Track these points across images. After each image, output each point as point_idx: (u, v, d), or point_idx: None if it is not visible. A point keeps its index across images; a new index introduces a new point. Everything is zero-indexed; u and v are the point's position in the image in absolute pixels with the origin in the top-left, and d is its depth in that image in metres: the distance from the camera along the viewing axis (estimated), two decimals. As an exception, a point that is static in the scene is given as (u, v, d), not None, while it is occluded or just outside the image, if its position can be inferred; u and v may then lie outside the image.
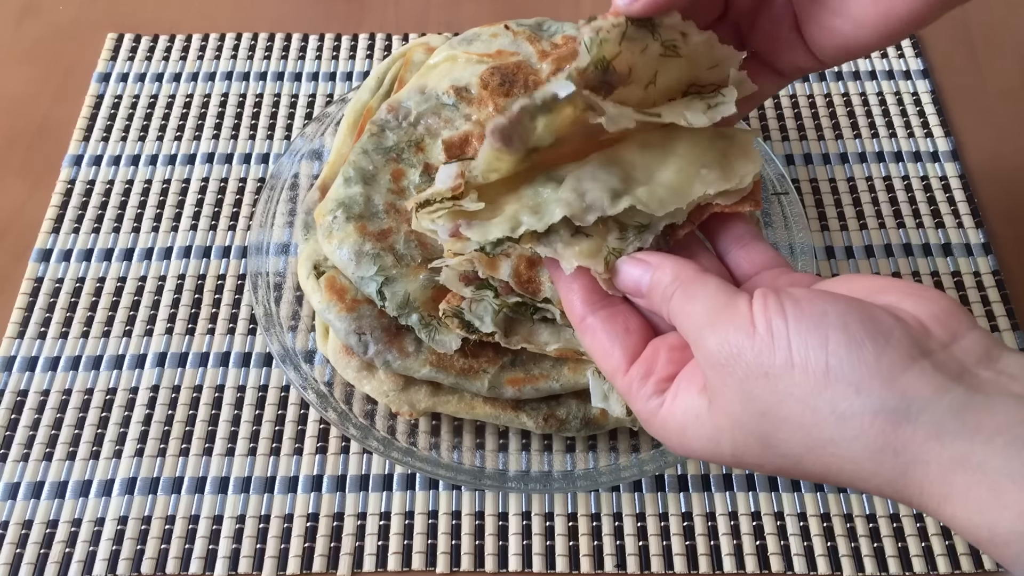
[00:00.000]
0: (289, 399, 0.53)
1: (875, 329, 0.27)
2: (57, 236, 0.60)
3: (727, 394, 0.29)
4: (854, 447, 0.27)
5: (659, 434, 0.32)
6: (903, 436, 0.26)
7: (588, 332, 0.34)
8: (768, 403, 0.28)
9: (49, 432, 0.52)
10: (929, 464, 0.26)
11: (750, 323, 0.29)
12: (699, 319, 0.30)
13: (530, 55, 0.52)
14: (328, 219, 0.48)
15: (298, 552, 0.48)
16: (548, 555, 0.48)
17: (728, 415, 0.29)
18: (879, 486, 0.27)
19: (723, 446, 0.30)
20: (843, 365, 0.27)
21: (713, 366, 0.29)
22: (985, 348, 0.28)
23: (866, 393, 0.26)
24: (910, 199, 0.62)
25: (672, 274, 0.32)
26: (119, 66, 0.69)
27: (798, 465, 0.29)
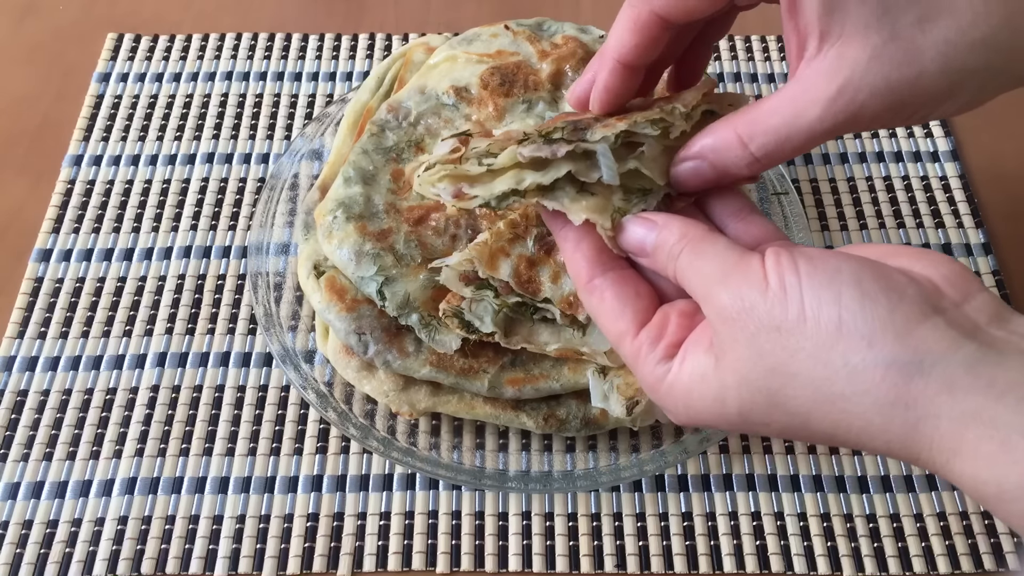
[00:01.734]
0: (289, 399, 0.53)
1: (888, 285, 0.27)
2: (57, 236, 0.60)
3: (737, 350, 0.29)
4: (864, 401, 0.27)
5: (665, 401, 0.32)
6: (915, 390, 0.26)
7: (596, 293, 0.34)
8: (778, 358, 0.28)
9: (49, 432, 0.52)
10: (940, 419, 0.26)
11: (763, 278, 0.29)
12: (710, 275, 0.30)
13: (530, 55, 0.52)
14: (328, 219, 0.48)
15: (298, 552, 0.48)
16: (548, 555, 0.48)
17: (736, 371, 0.29)
18: (888, 443, 0.27)
19: (729, 405, 0.30)
20: (856, 319, 0.27)
21: (724, 320, 0.29)
22: (996, 309, 0.28)
23: (879, 346, 0.26)
24: (910, 199, 0.62)
25: (679, 232, 0.32)
26: (119, 66, 0.69)
27: (806, 424, 0.28)
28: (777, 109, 0.32)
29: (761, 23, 0.72)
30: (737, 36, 0.71)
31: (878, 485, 0.50)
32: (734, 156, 0.33)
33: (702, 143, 0.34)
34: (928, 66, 0.30)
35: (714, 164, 0.34)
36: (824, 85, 0.30)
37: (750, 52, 0.71)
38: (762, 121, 0.32)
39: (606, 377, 0.45)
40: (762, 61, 0.70)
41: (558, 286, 0.43)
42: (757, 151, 0.32)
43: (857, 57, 0.30)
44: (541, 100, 0.50)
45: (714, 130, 0.33)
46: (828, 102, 0.30)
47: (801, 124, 0.31)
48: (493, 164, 0.34)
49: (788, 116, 0.31)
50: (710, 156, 0.33)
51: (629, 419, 0.45)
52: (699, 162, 0.34)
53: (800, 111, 0.31)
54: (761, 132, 0.32)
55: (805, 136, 0.31)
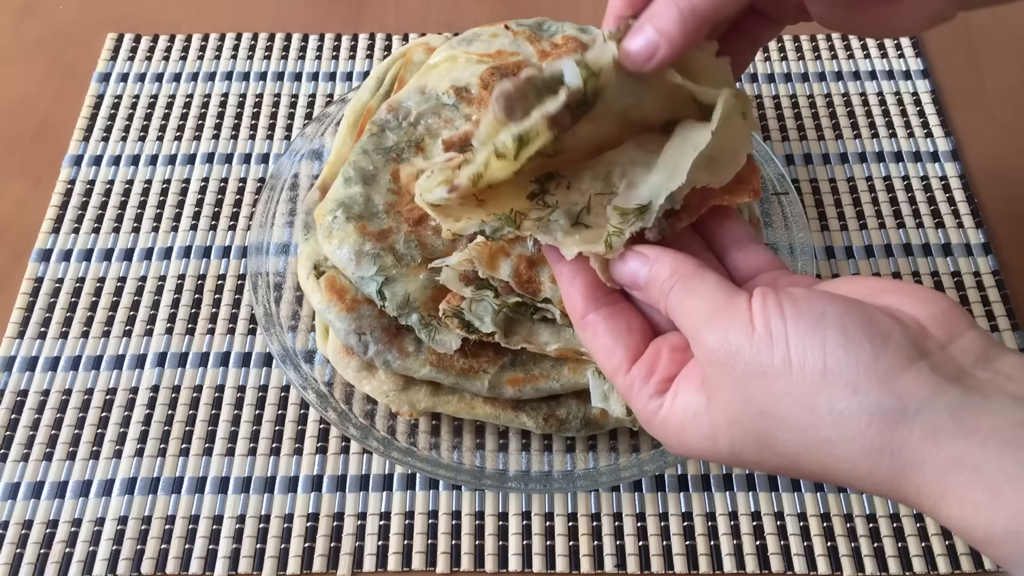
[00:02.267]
0: (289, 399, 0.53)
1: (873, 330, 0.27)
2: (57, 236, 0.60)
3: (725, 392, 0.29)
4: (851, 447, 0.27)
5: (659, 434, 0.32)
6: (899, 437, 0.26)
7: (589, 329, 0.34)
8: (766, 402, 0.28)
9: (49, 432, 0.52)
10: (925, 464, 0.26)
11: (749, 322, 0.29)
12: (698, 315, 0.30)
13: (530, 55, 0.52)
14: (328, 219, 0.48)
15: (298, 552, 0.48)
16: (548, 555, 0.48)
17: (726, 412, 0.29)
18: (875, 485, 0.27)
19: (721, 444, 0.30)
20: (840, 366, 0.27)
21: (712, 363, 0.29)
22: (983, 348, 0.28)
23: (863, 394, 0.27)
24: (910, 199, 0.62)
25: (671, 268, 0.32)
26: (119, 66, 0.69)
27: (795, 464, 0.29)
28: None
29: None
30: (737, 36, 0.71)
31: (878, 485, 0.50)
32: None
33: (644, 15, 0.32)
34: None
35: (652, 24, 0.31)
36: None
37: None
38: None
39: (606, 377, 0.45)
40: (762, 61, 0.70)
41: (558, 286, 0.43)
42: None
43: None
44: (541, 100, 0.50)
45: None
46: None
47: None
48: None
49: None
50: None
51: (629, 419, 0.45)
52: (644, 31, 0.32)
53: None
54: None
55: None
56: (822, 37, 0.71)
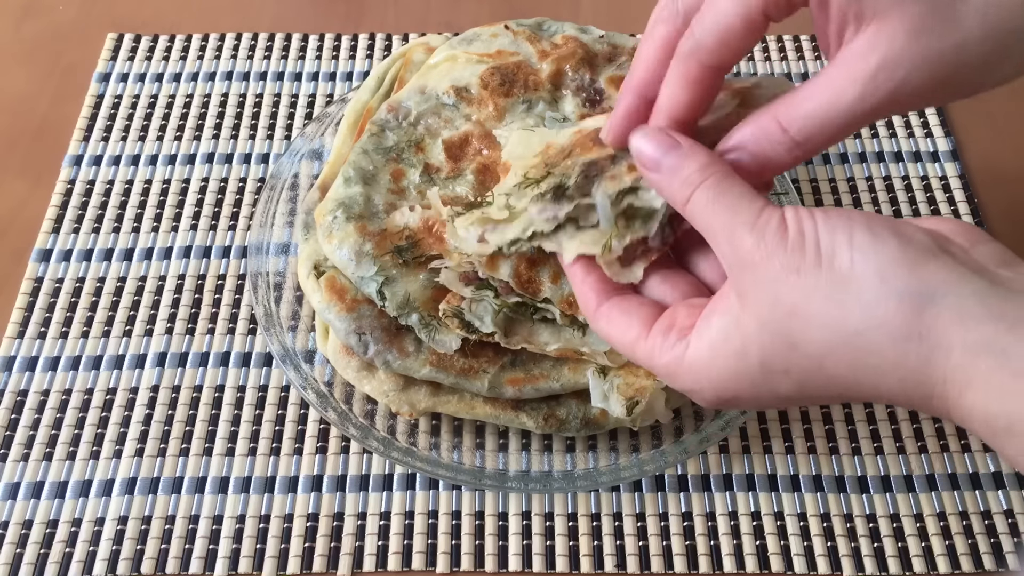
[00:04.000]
0: (289, 399, 0.53)
1: (898, 230, 0.28)
2: (57, 236, 0.60)
3: (756, 294, 0.30)
4: (878, 336, 0.27)
5: (686, 378, 0.32)
6: (927, 319, 0.27)
7: (603, 318, 0.35)
8: (796, 301, 0.29)
9: (49, 432, 0.52)
10: (952, 349, 0.26)
11: (784, 227, 0.29)
12: (734, 217, 0.31)
13: (530, 55, 0.52)
14: (328, 219, 0.48)
15: (298, 552, 0.48)
16: (548, 555, 0.48)
17: (756, 315, 0.30)
18: (902, 379, 0.28)
19: (751, 355, 0.30)
20: (868, 257, 0.28)
21: (745, 265, 0.30)
22: (1003, 255, 0.29)
23: (891, 280, 0.27)
24: (910, 199, 0.62)
25: (703, 162, 0.32)
26: (119, 66, 0.69)
27: (822, 366, 0.29)
28: (815, 93, 0.31)
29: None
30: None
31: (878, 485, 0.50)
32: (774, 142, 0.32)
33: (741, 133, 0.33)
34: (970, 32, 0.29)
35: (754, 153, 0.33)
36: (862, 63, 0.30)
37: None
38: (801, 105, 0.31)
39: (606, 377, 0.45)
40: (762, 61, 0.70)
41: (558, 286, 0.43)
42: (797, 135, 0.32)
43: (894, 31, 0.29)
44: (541, 100, 0.50)
45: (754, 119, 0.33)
46: (867, 80, 0.30)
47: (841, 104, 0.31)
48: (514, 208, 0.37)
49: (828, 97, 0.31)
50: (750, 145, 0.33)
51: (629, 419, 0.45)
52: (738, 153, 0.33)
53: (839, 91, 0.30)
54: (801, 116, 0.31)
55: (846, 117, 0.31)
56: (822, 37, 0.71)
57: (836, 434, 0.52)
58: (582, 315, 0.43)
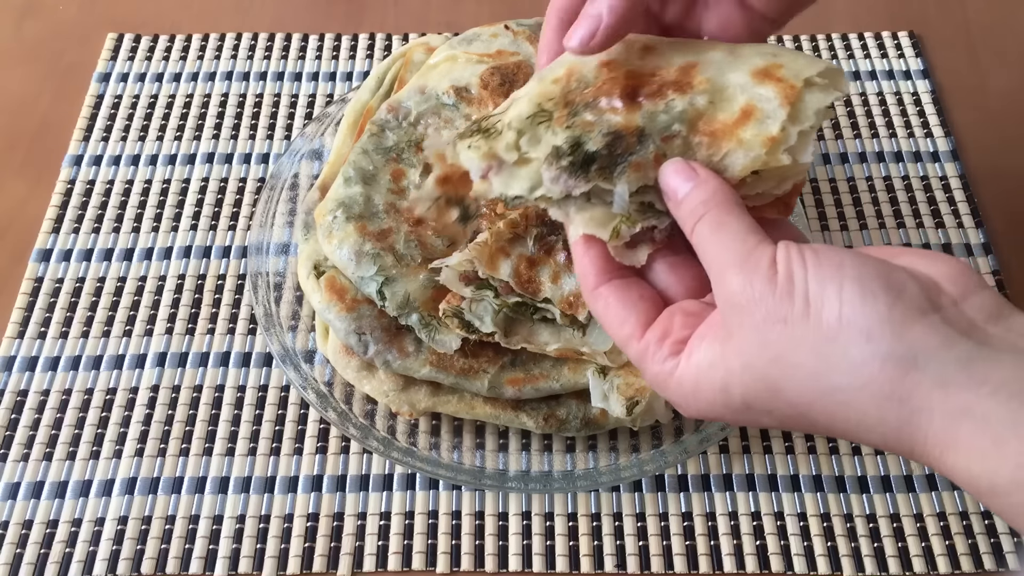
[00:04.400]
0: (289, 399, 0.53)
1: (888, 283, 0.28)
2: (57, 236, 0.60)
3: (743, 335, 0.29)
4: (862, 395, 0.27)
5: (674, 395, 0.32)
6: (909, 384, 0.27)
7: (601, 300, 0.34)
8: (781, 349, 0.29)
9: (49, 432, 0.52)
10: (933, 413, 0.26)
11: (774, 273, 0.29)
12: (725, 255, 0.31)
13: (530, 55, 0.52)
14: (328, 219, 0.48)
15: (298, 552, 0.48)
16: (548, 555, 0.48)
17: (740, 356, 0.30)
18: (883, 435, 0.28)
19: (734, 393, 0.30)
20: (856, 313, 0.27)
21: (733, 306, 0.30)
22: (995, 307, 0.28)
23: (876, 341, 0.27)
24: (910, 199, 0.62)
25: (707, 194, 0.32)
26: (119, 66, 0.69)
27: (805, 414, 0.29)
28: None
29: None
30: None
31: (878, 485, 0.50)
32: None
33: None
34: None
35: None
36: None
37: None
38: None
39: (606, 377, 0.45)
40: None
41: (558, 286, 0.43)
42: None
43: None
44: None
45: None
46: None
47: None
48: (525, 153, 0.34)
49: None
50: None
51: (629, 419, 0.45)
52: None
53: None
54: None
55: None
56: (822, 37, 0.71)
57: (836, 434, 0.52)
58: (582, 315, 0.43)
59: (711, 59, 0.36)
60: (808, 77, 0.34)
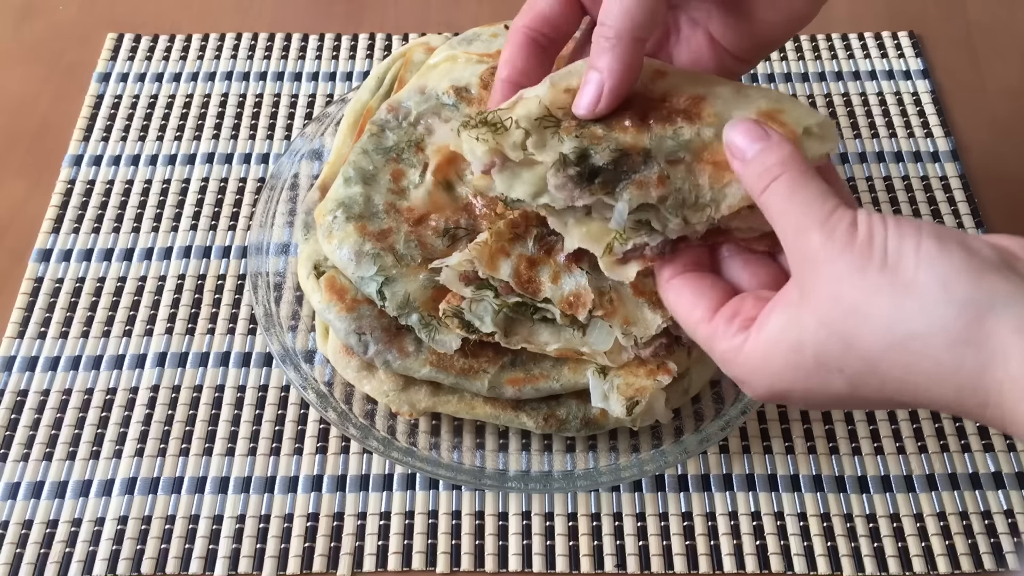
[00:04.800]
0: (289, 399, 0.53)
1: (965, 241, 0.29)
2: (57, 236, 0.60)
3: (819, 291, 0.30)
4: (936, 341, 0.28)
5: (741, 370, 0.33)
6: (987, 328, 0.27)
7: (673, 290, 0.35)
8: (856, 299, 0.29)
9: (49, 432, 0.52)
10: (1010, 358, 0.27)
11: (854, 228, 0.30)
12: (807, 215, 0.31)
13: (530, 55, 0.52)
14: (328, 219, 0.48)
15: (298, 552, 0.48)
16: (548, 555, 0.48)
17: (816, 311, 0.30)
18: (958, 387, 0.28)
19: (806, 349, 0.30)
20: (933, 265, 0.28)
21: (812, 261, 0.30)
22: None
23: (953, 287, 0.27)
24: (910, 199, 0.62)
25: (783, 156, 0.33)
26: (119, 66, 0.69)
27: (876, 369, 0.29)
28: None
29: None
30: (737, 36, 0.71)
31: (878, 485, 0.50)
32: None
33: None
34: None
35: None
36: None
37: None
38: None
39: (606, 377, 0.45)
40: (762, 61, 0.70)
41: (558, 286, 0.43)
42: None
43: None
44: (541, 100, 0.50)
45: None
46: None
47: None
48: (531, 154, 0.35)
49: None
50: None
51: (629, 419, 0.45)
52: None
53: None
54: None
55: None
56: (822, 37, 0.71)
57: (836, 434, 0.52)
58: (582, 315, 0.43)
59: (719, 94, 0.37)
60: (808, 126, 0.35)
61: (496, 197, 0.38)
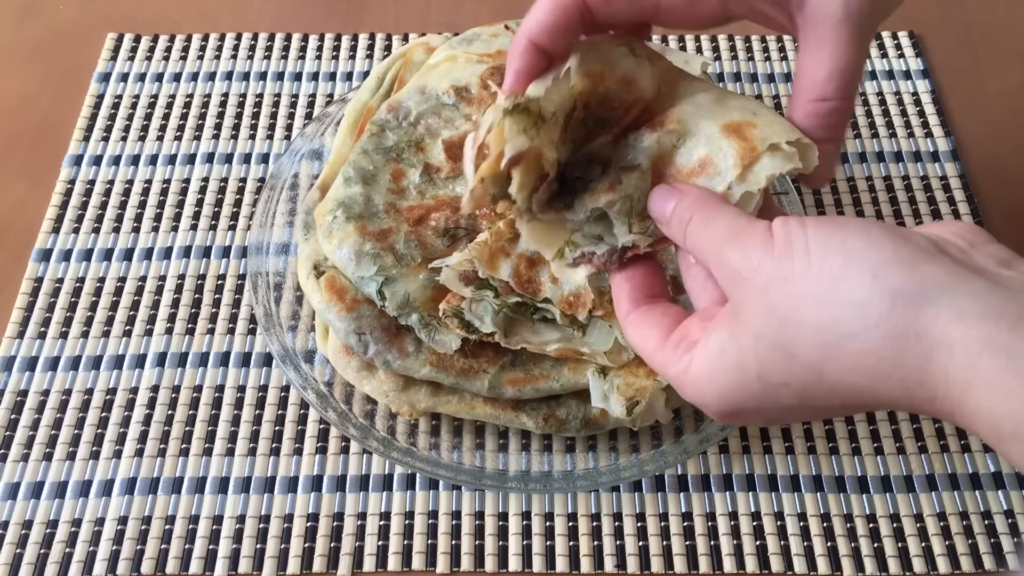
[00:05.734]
0: (289, 399, 0.53)
1: (894, 232, 0.28)
2: (57, 236, 0.60)
3: (749, 307, 0.29)
4: (874, 336, 0.27)
5: (691, 392, 0.32)
6: (925, 318, 0.26)
7: (631, 326, 0.35)
8: (786, 308, 0.28)
9: (49, 432, 0.52)
10: (953, 348, 0.26)
11: (769, 238, 0.29)
12: (718, 238, 0.31)
13: (530, 55, 0.52)
14: (328, 219, 0.48)
15: (298, 552, 0.48)
16: (548, 555, 0.48)
17: (750, 329, 0.29)
18: (903, 380, 0.27)
19: (749, 369, 0.30)
20: (860, 258, 0.27)
21: (734, 280, 0.30)
22: (1005, 255, 0.28)
23: (884, 278, 0.27)
24: (910, 199, 0.62)
25: (692, 199, 0.33)
26: (119, 66, 0.69)
27: (820, 376, 0.28)
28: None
29: (761, 23, 0.72)
30: (737, 36, 0.71)
31: (878, 485, 0.50)
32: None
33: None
34: None
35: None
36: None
37: (750, 52, 0.71)
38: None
39: (606, 377, 0.45)
40: (762, 61, 0.70)
41: (558, 286, 0.43)
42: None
43: None
44: (541, 100, 0.50)
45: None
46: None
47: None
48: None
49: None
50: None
51: (629, 419, 0.45)
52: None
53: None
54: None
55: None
56: (822, 37, 0.71)
57: (836, 434, 0.52)
58: (582, 315, 0.43)
59: (698, 101, 0.37)
60: (775, 143, 0.34)
61: (486, 193, 0.37)
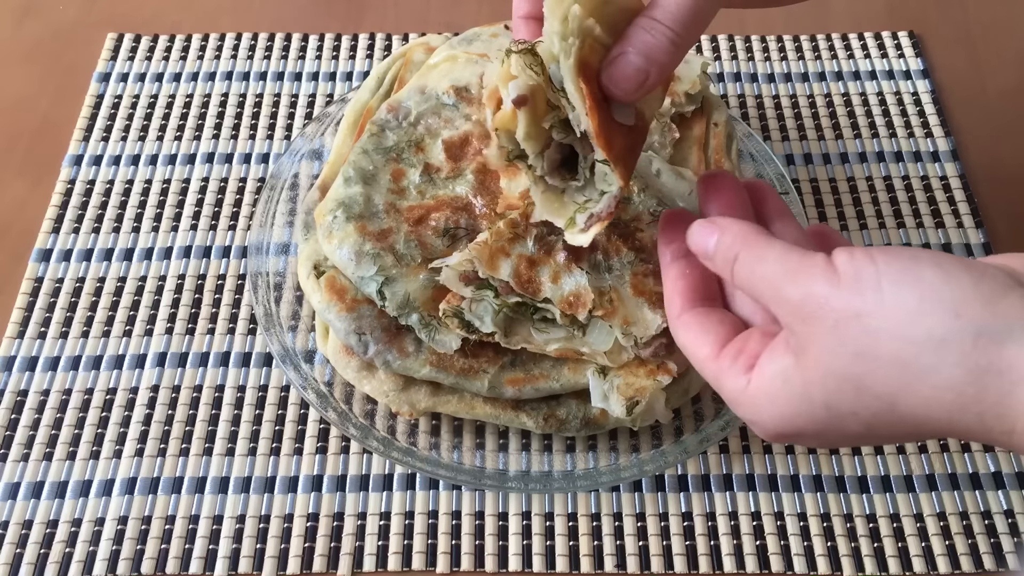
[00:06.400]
0: (289, 399, 0.53)
1: (969, 265, 0.28)
2: (57, 236, 0.60)
3: (817, 343, 0.29)
4: (955, 373, 0.27)
5: (749, 411, 0.32)
6: (1008, 355, 0.26)
7: (682, 327, 0.35)
8: (861, 344, 0.28)
9: (49, 432, 0.52)
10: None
11: (833, 272, 0.29)
12: (775, 277, 0.30)
13: (530, 55, 0.52)
14: (328, 219, 0.48)
15: (298, 552, 0.48)
16: (548, 555, 0.48)
17: (819, 363, 0.29)
18: (980, 414, 0.27)
19: (815, 400, 0.29)
20: (939, 294, 0.27)
21: (799, 318, 0.29)
22: None
23: (966, 316, 0.27)
24: (910, 199, 0.62)
25: (735, 233, 0.32)
26: (119, 66, 0.69)
27: (893, 406, 0.28)
28: None
29: (761, 23, 0.72)
30: (737, 36, 0.71)
31: (878, 485, 0.50)
32: (654, 32, 0.33)
33: (624, 36, 0.34)
34: None
35: (638, 48, 0.34)
36: None
37: (750, 52, 0.71)
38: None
39: (606, 377, 0.45)
40: (762, 61, 0.70)
41: (558, 286, 0.43)
42: (673, 23, 0.33)
43: None
44: (541, 100, 0.50)
45: (634, 22, 0.34)
46: None
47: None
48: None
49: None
50: (633, 41, 0.34)
51: (629, 419, 0.45)
52: (625, 53, 0.34)
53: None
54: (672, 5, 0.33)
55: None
56: (822, 37, 0.71)
57: (836, 434, 0.52)
58: (582, 315, 0.43)
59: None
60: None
61: (503, 146, 0.39)
